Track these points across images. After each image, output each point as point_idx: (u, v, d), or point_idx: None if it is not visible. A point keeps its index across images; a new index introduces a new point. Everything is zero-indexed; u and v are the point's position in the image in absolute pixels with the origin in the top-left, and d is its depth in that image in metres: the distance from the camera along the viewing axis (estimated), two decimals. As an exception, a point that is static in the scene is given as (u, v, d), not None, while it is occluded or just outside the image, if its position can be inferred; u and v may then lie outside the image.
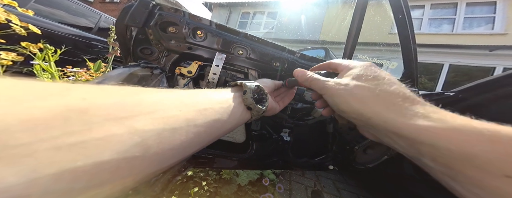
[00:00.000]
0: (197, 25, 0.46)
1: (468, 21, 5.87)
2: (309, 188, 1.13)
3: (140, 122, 0.14)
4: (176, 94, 0.20)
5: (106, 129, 0.12)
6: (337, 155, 0.70)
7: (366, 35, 6.11)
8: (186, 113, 0.18)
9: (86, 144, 0.11)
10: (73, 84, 0.13)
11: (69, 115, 0.11)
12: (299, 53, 0.59)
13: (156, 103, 0.16)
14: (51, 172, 0.09)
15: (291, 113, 0.60)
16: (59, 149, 0.10)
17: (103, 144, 0.11)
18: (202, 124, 0.19)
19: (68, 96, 0.12)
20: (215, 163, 0.60)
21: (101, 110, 0.12)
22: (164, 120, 0.16)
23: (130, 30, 0.45)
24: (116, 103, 0.14)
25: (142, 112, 0.15)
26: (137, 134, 0.13)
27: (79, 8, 2.25)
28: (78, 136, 0.11)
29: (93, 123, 0.12)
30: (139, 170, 0.14)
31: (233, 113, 0.24)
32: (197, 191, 0.75)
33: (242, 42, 0.51)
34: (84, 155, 0.11)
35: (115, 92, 0.15)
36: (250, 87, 0.27)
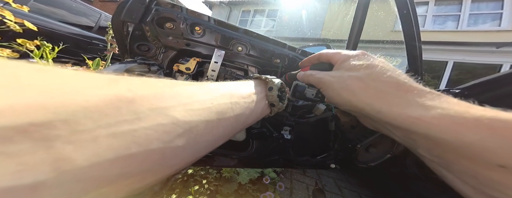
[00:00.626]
0: (195, 21, 0.45)
1: (474, 17, 5.74)
2: (310, 186, 1.13)
3: (181, 112, 0.14)
4: (206, 86, 0.20)
5: (153, 118, 0.12)
6: (339, 154, 0.69)
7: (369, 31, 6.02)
8: (217, 106, 0.18)
9: (137, 133, 0.11)
10: (118, 76, 0.14)
11: (119, 104, 0.11)
12: (300, 49, 0.57)
13: (192, 95, 0.17)
14: (110, 157, 0.10)
15: (292, 110, 0.59)
16: (115, 136, 0.10)
17: (151, 133, 0.12)
18: (229, 117, 0.19)
19: (116, 87, 0.12)
20: (215, 161, 0.60)
21: (145, 100, 0.13)
22: (200, 112, 0.16)
23: (126, 26, 0.44)
24: (157, 94, 0.14)
25: (181, 102, 0.15)
26: (179, 125, 0.14)
27: (80, 7, 2.25)
28: (130, 125, 0.11)
29: (140, 112, 0.12)
30: (181, 159, 0.15)
31: (256, 108, 0.24)
32: (197, 189, 0.75)
33: (241, 38, 0.50)
34: (136, 142, 0.11)
35: (154, 84, 0.15)
36: (276, 85, 0.26)
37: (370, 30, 6.09)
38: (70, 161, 0.09)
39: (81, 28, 2.20)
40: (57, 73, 0.10)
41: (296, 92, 0.50)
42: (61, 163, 0.08)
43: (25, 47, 0.63)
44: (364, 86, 0.20)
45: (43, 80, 0.10)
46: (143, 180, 0.12)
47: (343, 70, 0.23)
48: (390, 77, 0.20)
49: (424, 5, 6.26)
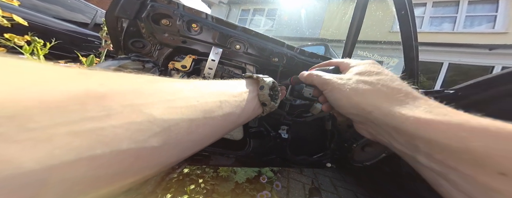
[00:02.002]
0: (192, 18, 0.44)
1: (470, 19, 5.83)
2: (306, 185, 1.13)
3: (159, 110, 0.13)
4: (194, 84, 0.19)
5: (125, 116, 0.11)
6: (335, 153, 0.69)
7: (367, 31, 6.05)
8: (204, 104, 0.17)
9: (104, 131, 0.10)
10: (91, 70, 0.12)
11: (86, 100, 0.10)
12: (299, 48, 0.57)
13: (175, 92, 0.16)
14: (69, 158, 0.09)
15: (290, 109, 0.59)
16: (77, 134, 0.09)
17: (121, 132, 0.11)
18: (217, 116, 0.18)
19: (86, 81, 0.11)
20: (212, 161, 0.60)
21: (119, 96, 0.12)
22: (183, 110, 0.15)
23: (121, 22, 0.43)
24: (134, 90, 0.13)
25: (161, 99, 0.14)
26: (156, 123, 0.13)
27: (75, 3, 2.20)
28: (96, 122, 0.10)
29: (110, 109, 0.11)
30: (158, 161, 0.14)
31: (247, 107, 0.23)
32: (193, 189, 0.74)
33: (239, 36, 0.49)
34: (103, 142, 0.10)
35: (133, 80, 0.14)
36: (268, 84, 0.26)
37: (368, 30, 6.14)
38: (14, 163, 0.07)
39: (76, 24, 2.15)
40: (17, 65, 0.09)
41: (294, 91, 0.49)
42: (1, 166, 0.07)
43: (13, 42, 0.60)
44: (375, 90, 0.21)
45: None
46: (113, 182, 0.11)
47: (353, 74, 0.23)
48: (399, 85, 0.21)
49: (422, 7, 6.33)
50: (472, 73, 5.32)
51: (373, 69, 0.23)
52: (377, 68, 0.23)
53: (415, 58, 0.72)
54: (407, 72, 0.73)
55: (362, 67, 0.24)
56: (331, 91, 0.24)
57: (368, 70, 0.23)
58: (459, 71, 5.52)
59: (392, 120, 0.18)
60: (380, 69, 0.23)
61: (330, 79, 0.24)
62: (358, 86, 0.22)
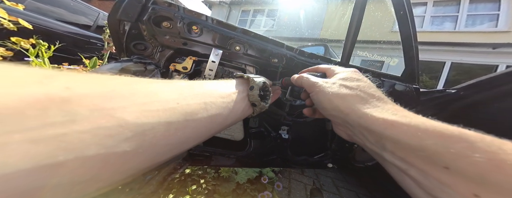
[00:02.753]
0: (192, 20, 0.45)
1: (471, 18, 5.78)
2: (308, 186, 1.13)
3: (132, 114, 0.13)
4: (175, 85, 0.18)
5: (91, 121, 0.11)
6: (336, 153, 0.69)
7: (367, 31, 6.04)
8: (185, 106, 0.17)
9: (67, 137, 0.10)
10: (58, 72, 0.12)
11: (48, 104, 0.10)
12: (298, 49, 0.57)
13: (152, 94, 0.15)
14: (25, 167, 0.08)
15: (290, 110, 0.59)
16: (34, 142, 0.09)
17: (88, 138, 0.10)
18: (201, 118, 0.18)
19: (49, 84, 0.11)
20: (213, 161, 0.60)
21: (86, 100, 0.11)
22: (159, 113, 0.15)
23: (123, 25, 0.43)
24: (105, 93, 0.13)
25: (135, 103, 0.14)
26: (128, 128, 0.12)
27: (77, 5, 2.23)
28: (58, 128, 0.10)
29: (76, 114, 0.10)
30: (130, 166, 0.13)
31: (236, 108, 0.23)
32: (195, 189, 0.75)
33: (239, 38, 0.50)
34: (65, 149, 0.10)
35: (105, 82, 0.14)
36: (258, 84, 0.26)
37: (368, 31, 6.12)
38: None
39: (79, 27, 2.19)
40: None
41: (293, 92, 0.50)
42: None
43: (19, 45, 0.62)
44: (354, 95, 0.23)
45: None
46: (82, 190, 0.11)
47: (337, 79, 0.26)
48: (374, 91, 0.24)
49: (423, 6, 6.30)
50: (475, 73, 5.26)
51: (354, 76, 0.26)
52: (358, 75, 0.26)
53: (415, 57, 0.72)
54: (408, 71, 0.73)
55: (345, 74, 0.26)
56: (316, 94, 0.25)
57: (350, 76, 0.26)
58: (462, 71, 5.47)
59: (365, 121, 0.21)
60: (361, 76, 0.26)
61: (317, 82, 0.26)
62: (339, 90, 0.24)
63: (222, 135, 0.61)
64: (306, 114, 0.32)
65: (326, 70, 0.30)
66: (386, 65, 5.37)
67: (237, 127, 0.60)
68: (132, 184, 0.39)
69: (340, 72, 0.27)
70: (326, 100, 0.24)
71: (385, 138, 0.19)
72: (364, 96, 0.23)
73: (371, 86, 0.25)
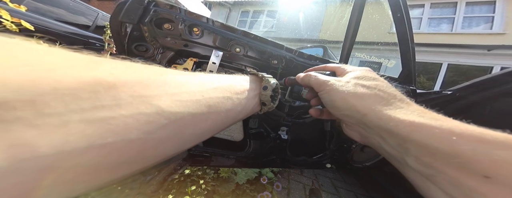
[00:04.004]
0: (193, 22, 0.46)
1: (468, 20, 5.87)
2: (307, 186, 1.13)
3: (166, 102, 0.14)
4: (199, 78, 0.19)
5: (134, 106, 0.12)
6: (335, 154, 0.70)
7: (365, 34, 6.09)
8: (208, 99, 0.18)
9: (115, 121, 0.10)
10: (101, 58, 0.12)
11: (97, 88, 0.10)
12: (297, 51, 0.58)
13: (181, 85, 0.16)
14: (82, 145, 0.09)
15: (289, 111, 0.60)
16: (90, 122, 0.09)
17: (131, 122, 0.11)
18: (220, 112, 0.19)
19: (97, 69, 0.11)
20: (213, 161, 0.60)
21: (128, 86, 0.12)
22: (188, 103, 0.16)
23: (124, 27, 0.44)
24: (142, 81, 0.13)
25: (167, 92, 0.14)
26: (164, 115, 0.13)
27: (77, 6, 2.22)
28: (107, 111, 0.10)
29: (120, 99, 0.11)
30: (162, 151, 0.14)
31: (247, 105, 0.24)
32: (194, 190, 0.75)
33: (239, 39, 0.50)
34: (114, 131, 0.10)
35: (140, 70, 0.14)
36: (272, 85, 0.26)
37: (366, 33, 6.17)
38: (31, 147, 0.08)
39: (78, 27, 2.18)
40: (30, 48, 0.09)
41: (293, 93, 0.50)
42: (20, 149, 0.07)
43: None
44: (373, 95, 0.22)
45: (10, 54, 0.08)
46: (119, 171, 0.12)
47: (350, 78, 0.24)
48: (394, 91, 0.22)
49: (420, 8, 6.38)
50: (471, 74, 5.33)
51: (370, 75, 0.24)
52: (374, 74, 0.24)
53: (412, 59, 0.73)
54: (405, 73, 0.74)
55: (359, 72, 0.25)
56: (328, 93, 0.24)
57: (365, 75, 0.24)
58: (459, 72, 5.54)
59: (387, 123, 0.19)
60: (376, 76, 0.24)
61: (328, 81, 0.25)
62: (356, 89, 0.22)
63: (222, 136, 0.61)
64: (313, 114, 0.30)
65: (335, 69, 0.28)
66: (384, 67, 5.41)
67: (237, 128, 0.60)
68: (132, 184, 0.40)
69: (353, 70, 0.25)
70: (339, 98, 0.23)
71: (410, 141, 0.17)
72: (384, 96, 0.21)
73: (390, 86, 0.23)
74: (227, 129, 0.61)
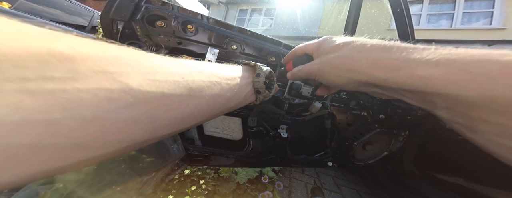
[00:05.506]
0: (187, 19, 0.44)
1: (467, 16, 5.84)
2: (309, 185, 1.13)
3: (135, 80, 0.12)
4: (181, 61, 0.18)
5: (94, 81, 0.10)
6: (336, 151, 0.69)
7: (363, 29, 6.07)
8: (190, 81, 0.16)
9: (66, 94, 0.09)
10: (65, 33, 0.11)
11: (49, 58, 0.09)
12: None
13: (157, 66, 0.14)
14: (13, 119, 0.07)
15: (289, 108, 0.59)
16: (31, 93, 0.08)
17: (88, 98, 0.10)
18: (205, 96, 0.17)
19: (55, 41, 0.10)
20: (212, 161, 0.59)
21: (89, 60, 0.10)
22: (163, 83, 0.14)
23: (116, 24, 0.42)
24: (111, 58, 0.12)
25: (139, 71, 0.13)
26: (130, 93, 0.11)
27: (72, 6, 2.20)
28: (57, 84, 0.09)
29: (78, 72, 0.10)
30: (127, 136, 0.12)
31: (240, 92, 0.23)
32: (194, 190, 0.74)
33: (235, 36, 0.49)
34: (63, 106, 0.09)
35: (111, 48, 0.13)
36: (264, 71, 0.26)
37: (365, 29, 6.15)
38: None
39: (73, 27, 2.16)
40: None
41: (292, 90, 0.49)
42: None
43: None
44: (355, 60, 0.20)
45: None
46: (71, 156, 0.10)
47: (323, 55, 0.24)
48: (375, 44, 0.20)
49: (419, 4, 6.35)
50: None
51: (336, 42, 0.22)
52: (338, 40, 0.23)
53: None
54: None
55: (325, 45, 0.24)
56: (321, 77, 0.24)
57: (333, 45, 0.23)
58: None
59: (393, 83, 0.17)
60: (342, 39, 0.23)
61: (310, 68, 0.25)
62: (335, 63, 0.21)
63: (221, 135, 0.60)
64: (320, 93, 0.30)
65: (305, 50, 0.28)
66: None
67: (236, 126, 0.59)
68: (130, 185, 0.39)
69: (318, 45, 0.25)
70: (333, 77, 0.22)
71: (430, 94, 0.15)
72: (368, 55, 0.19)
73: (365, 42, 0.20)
74: (226, 128, 0.60)
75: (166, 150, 0.41)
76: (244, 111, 0.55)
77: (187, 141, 0.56)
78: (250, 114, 0.55)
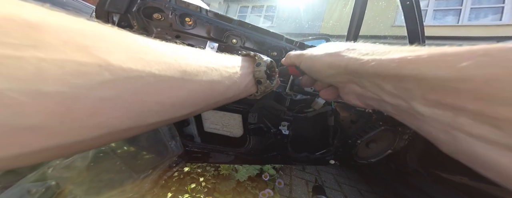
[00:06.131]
0: (185, 12, 0.43)
1: (475, 12, 5.66)
2: (310, 183, 1.12)
3: (117, 56, 0.10)
4: (175, 46, 0.16)
5: (61, 51, 0.08)
6: (339, 149, 0.67)
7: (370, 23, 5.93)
8: (184, 64, 0.14)
9: (21, 62, 0.07)
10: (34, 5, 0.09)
11: (6, 23, 0.07)
12: (298, 42, 0.55)
13: (146, 46, 0.13)
14: None
15: (290, 105, 0.57)
16: None
17: (49, 68, 0.08)
18: (201, 81, 0.16)
19: (19, 8, 0.08)
20: (211, 158, 0.58)
21: (61, 31, 0.09)
22: (152, 63, 0.12)
23: (111, 17, 0.41)
24: (88, 31, 0.10)
25: (123, 48, 0.11)
26: (108, 69, 0.09)
27: (71, 2, 2.19)
28: (12, 50, 0.07)
29: (42, 41, 0.08)
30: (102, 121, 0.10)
31: (239, 81, 0.22)
32: (194, 187, 0.74)
33: (235, 30, 0.47)
34: (14, 76, 0.07)
35: (92, 23, 0.11)
36: (265, 61, 0.25)
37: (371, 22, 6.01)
38: None
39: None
40: None
41: (294, 85, 0.47)
42: None
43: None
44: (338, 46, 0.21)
45: None
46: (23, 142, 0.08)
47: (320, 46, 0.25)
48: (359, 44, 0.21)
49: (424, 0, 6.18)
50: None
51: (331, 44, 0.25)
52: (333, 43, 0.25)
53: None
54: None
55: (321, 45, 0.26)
56: (305, 61, 0.25)
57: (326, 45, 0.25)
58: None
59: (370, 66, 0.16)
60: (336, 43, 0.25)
61: (301, 52, 0.27)
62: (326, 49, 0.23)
63: (221, 131, 0.59)
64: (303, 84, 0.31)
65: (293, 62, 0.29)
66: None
67: (236, 123, 0.58)
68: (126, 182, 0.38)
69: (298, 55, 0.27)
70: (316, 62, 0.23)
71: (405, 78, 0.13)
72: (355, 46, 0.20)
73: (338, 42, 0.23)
74: (226, 124, 0.58)
75: (164, 147, 0.40)
76: (245, 107, 0.54)
77: (186, 137, 0.55)
78: (251, 110, 0.54)
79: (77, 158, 0.28)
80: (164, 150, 0.40)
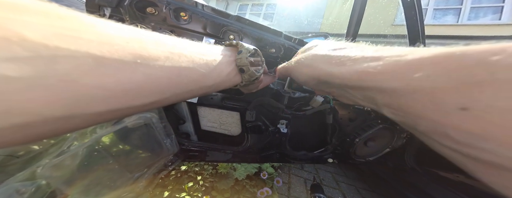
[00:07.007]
0: (180, 6, 0.41)
1: (475, 11, 5.66)
2: (308, 181, 1.12)
3: (40, 32, 0.09)
4: (134, 29, 0.14)
5: None
6: (337, 148, 0.67)
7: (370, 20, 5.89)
8: (138, 47, 0.13)
9: None
10: None
11: None
12: (297, 39, 0.54)
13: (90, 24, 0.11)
14: None
15: (289, 103, 0.56)
16: None
17: None
18: (162, 66, 0.14)
19: None
20: (208, 156, 0.58)
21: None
22: (92, 43, 0.10)
23: (103, 11, 0.39)
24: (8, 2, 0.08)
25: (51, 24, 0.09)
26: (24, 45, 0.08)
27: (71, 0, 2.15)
28: None
29: None
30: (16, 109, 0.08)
31: (219, 69, 0.21)
32: (191, 186, 0.73)
33: (233, 25, 0.46)
34: None
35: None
36: (247, 48, 0.24)
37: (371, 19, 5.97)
38: None
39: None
40: None
41: (293, 83, 0.47)
42: None
43: None
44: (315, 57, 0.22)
45: None
46: None
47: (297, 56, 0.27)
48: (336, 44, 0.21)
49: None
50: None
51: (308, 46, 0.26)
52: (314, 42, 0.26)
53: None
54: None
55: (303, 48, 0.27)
56: (291, 74, 0.27)
57: (305, 48, 0.27)
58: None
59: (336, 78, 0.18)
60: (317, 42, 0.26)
61: (286, 65, 0.28)
62: (301, 60, 0.24)
63: (218, 130, 0.58)
64: None
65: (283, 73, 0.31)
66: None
67: (234, 121, 0.57)
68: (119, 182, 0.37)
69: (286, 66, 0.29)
70: (298, 74, 0.25)
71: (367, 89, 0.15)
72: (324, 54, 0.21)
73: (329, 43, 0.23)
74: (224, 122, 0.57)
75: (158, 145, 0.39)
76: (243, 105, 0.53)
77: (182, 135, 0.54)
78: (249, 108, 0.53)
79: (66, 156, 0.27)
80: (159, 149, 0.39)
